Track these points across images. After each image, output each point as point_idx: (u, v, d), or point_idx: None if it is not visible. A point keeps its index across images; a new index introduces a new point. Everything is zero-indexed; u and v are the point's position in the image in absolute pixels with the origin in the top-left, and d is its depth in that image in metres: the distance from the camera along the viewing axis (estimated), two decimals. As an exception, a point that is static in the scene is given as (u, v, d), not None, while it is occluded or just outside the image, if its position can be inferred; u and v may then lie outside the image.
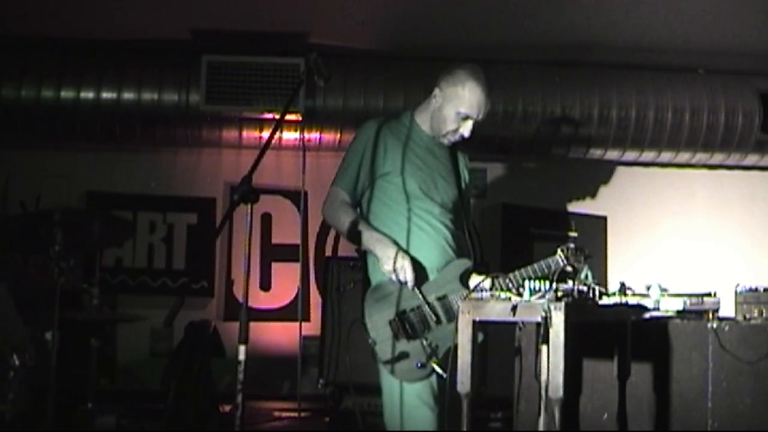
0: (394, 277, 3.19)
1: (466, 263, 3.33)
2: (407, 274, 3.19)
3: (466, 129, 3.36)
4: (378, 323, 3.20)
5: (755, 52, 5.52)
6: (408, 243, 3.31)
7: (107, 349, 5.52)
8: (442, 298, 3.24)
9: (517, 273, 3.19)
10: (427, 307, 3.21)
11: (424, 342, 3.18)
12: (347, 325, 3.42)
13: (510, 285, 3.15)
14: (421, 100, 3.52)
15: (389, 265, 3.19)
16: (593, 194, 6.18)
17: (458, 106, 3.33)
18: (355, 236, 3.30)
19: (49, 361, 3.66)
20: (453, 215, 3.43)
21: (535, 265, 3.20)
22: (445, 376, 3.06)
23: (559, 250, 3.20)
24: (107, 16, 5.17)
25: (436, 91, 3.39)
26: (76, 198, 6.06)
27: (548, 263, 3.19)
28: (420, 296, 3.22)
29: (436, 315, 3.21)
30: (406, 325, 3.19)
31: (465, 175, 3.55)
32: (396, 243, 3.29)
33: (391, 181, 3.35)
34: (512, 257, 3.36)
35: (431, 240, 3.34)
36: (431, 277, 3.31)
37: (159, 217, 6.20)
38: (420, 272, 3.25)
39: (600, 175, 6.20)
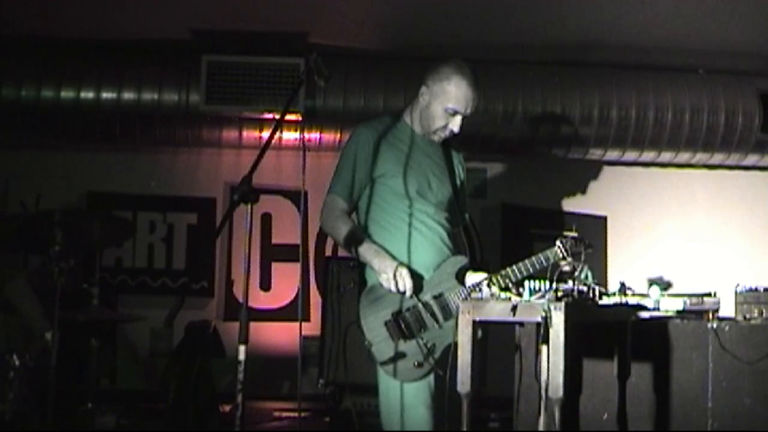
0: (393, 288, 3.19)
1: (461, 260, 3.33)
2: (406, 284, 3.19)
3: (455, 124, 3.36)
4: (374, 324, 3.20)
5: (755, 52, 5.52)
6: (405, 244, 3.31)
7: (107, 349, 5.52)
8: (438, 297, 3.24)
9: (515, 267, 3.19)
10: (422, 306, 3.21)
11: (421, 341, 3.18)
12: (347, 325, 3.42)
13: (509, 281, 3.15)
14: (421, 100, 3.52)
15: (387, 275, 3.20)
16: (593, 194, 6.17)
17: (445, 101, 3.33)
18: (352, 248, 3.30)
19: (49, 361, 3.67)
20: (449, 213, 3.43)
21: (534, 258, 3.20)
22: (441, 372, 3.07)
23: (557, 242, 3.20)
24: (107, 16, 5.17)
25: (423, 89, 3.38)
26: (76, 198, 6.06)
27: (547, 255, 3.19)
28: (413, 297, 3.21)
29: (433, 314, 3.21)
30: (402, 326, 3.19)
31: (460, 172, 3.55)
32: (394, 245, 3.29)
33: (384, 183, 3.35)
34: (512, 257, 3.34)
35: (427, 240, 3.34)
36: (428, 276, 3.31)
37: (159, 217, 6.20)
38: (418, 281, 3.25)
39: (600, 175, 6.20)
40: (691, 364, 3.30)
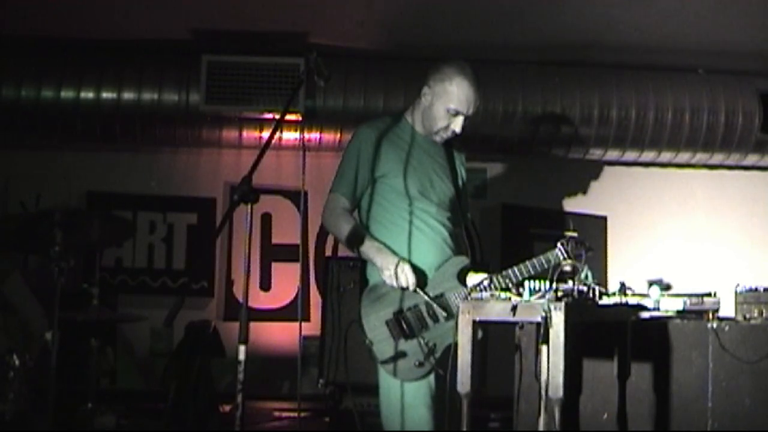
0: (395, 284, 3.20)
1: (463, 261, 3.34)
2: (409, 280, 3.19)
3: (457, 125, 3.37)
4: (375, 323, 3.21)
5: (755, 52, 5.52)
6: (406, 243, 3.31)
7: (107, 349, 5.52)
8: (439, 297, 3.24)
9: (516, 268, 3.20)
10: (424, 305, 3.22)
11: (422, 341, 3.18)
12: (347, 325, 3.42)
13: (510, 282, 3.15)
14: (421, 100, 3.52)
15: (390, 271, 3.20)
16: (593, 194, 6.17)
17: (447, 102, 3.33)
18: (354, 245, 3.30)
19: (49, 361, 3.66)
20: (450, 213, 3.44)
21: (535, 260, 3.21)
22: (441, 372, 3.07)
23: (558, 244, 3.21)
24: (107, 16, 5.17)
25: (425, 89, 3.39)
26: (76, 198, 6.05)
27: (548, 257, 3.20)
28: (417, 295, 3.21)
29: (434, 314, 3.21)
30: (403, 325, 3.19)
31: (462, 172, 3.55)
32: (395, 245, 3.30)
33: (387, 182, 3.36)
34: (512, 257, 3.35)
35: (429, 240, 3.35)
36: (429, 275, 3.31)
37: (159, 217, 6.20)
38: (420, 277, 3.26)
39: (600, 175, 6.20)
40: (691, 364, 3.30)
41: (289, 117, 5.47)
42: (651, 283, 3.36)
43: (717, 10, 4.90)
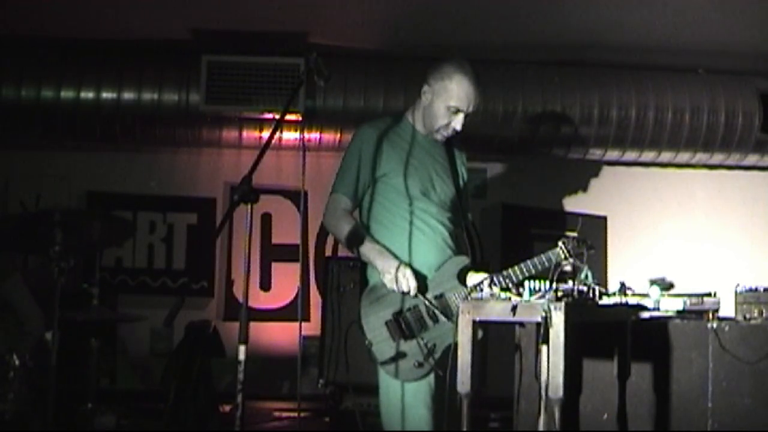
0: (396, 288, 3.19)
1: (463, 260, 3.33)
2: (410, 284, 3.18)
3: (457, 122, 3.36)
4: (375, 324, 3.20)
5: (755, 52, 5.52)
6: (407, 243, 3.31)
7: (107, 349, 5.52)
8: (439, 297, 3.24)
9: (516, 268, 3.20)
10: (423, 306, 3.21)
11: (421, 341, 3.18)
12: (347, 325, 3.42)
13: (510, 282, 3.15)
14: (421, 100, 3.52)
15: (391, 275, 3.20)
16: (593, 194, 6.18)
17: (447, 100, 3.33)
18: (355, 247, 3.30)
19: (49, 361, 3.66)
20: (451, 213, 3.43)
21: (535, 259, 3.21)
22: (440, 373, 3.07)
23: (560, 242, 3.21)
24: (107, 16, 5.17)
25: (425, 87, 3.39)
26: (76, 198, 6.06)
27: (548, 256, 3.20)
28: (417, 296, 3.21)
29: (434, 314, 3.21)
30: (402, 325, 3.19)
31: (463, 172, 3.55)
32: (396, 245, 3.30)
33: (388, 182, 3.35)
34: (512, 257, 3.35)
35: (429, 240, 3.34)
36: (429, 276, 3.31)
37: (159, 217, 6.21)
38: (421, 280, 3.25)
39: (600, 175, 6.20)
40: (691, 364, 3.30)
41: (289, 117, 5.47)
42: (652, 282, 3.36)
43: (717, 10, 4.90)
